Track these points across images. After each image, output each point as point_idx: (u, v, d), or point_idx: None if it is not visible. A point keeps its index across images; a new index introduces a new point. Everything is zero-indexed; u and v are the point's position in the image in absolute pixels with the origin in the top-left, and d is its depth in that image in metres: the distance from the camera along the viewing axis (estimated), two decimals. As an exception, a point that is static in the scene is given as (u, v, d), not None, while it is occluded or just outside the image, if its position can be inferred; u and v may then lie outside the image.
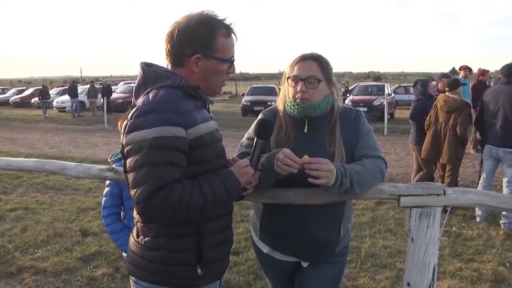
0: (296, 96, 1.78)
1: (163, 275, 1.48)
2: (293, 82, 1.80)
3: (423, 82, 5.98)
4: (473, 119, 5.19)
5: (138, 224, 1.54)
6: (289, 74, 1.81)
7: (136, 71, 1.57)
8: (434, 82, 6.22)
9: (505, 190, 4.58)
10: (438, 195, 1.70)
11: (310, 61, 1.79)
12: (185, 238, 1.47)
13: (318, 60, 1.79)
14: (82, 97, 21.34)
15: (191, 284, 1.49)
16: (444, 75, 6.37)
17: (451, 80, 5.35)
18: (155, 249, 1.48)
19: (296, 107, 1.78)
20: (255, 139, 1.62)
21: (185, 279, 1.47)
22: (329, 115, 1.81)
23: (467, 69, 8.50)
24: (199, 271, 1.48)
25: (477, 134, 5.16)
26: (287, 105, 1.83)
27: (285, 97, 1.86)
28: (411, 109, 5.80)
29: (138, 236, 1.55)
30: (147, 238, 1.50)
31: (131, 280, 1.57)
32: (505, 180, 4.66)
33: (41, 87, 23.48)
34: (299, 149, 1.63)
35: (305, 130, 1.80)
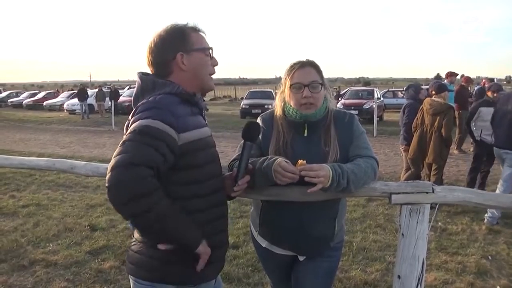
0: (303, 102, 1.72)
1: (162, 273, 1.45)
2: (296, 89, 1.73)
3: (416, 87, 5.91)
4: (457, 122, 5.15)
5: None
6: (291, 82, 1.74)
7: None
8: (425, 87, 6.10)
9: (498, 188, 4.54)
10: (427, 193, 1.69)
11: (308, 67, 1.75)
12: None
13: (314, 66, 1.76)
14: (91, 100, 21.27)
15: (188, 282, 1.46)
16: (437, 82, 6.36)
17: (438, 84, 5.34)
18: (155, 247, 1.44)
19: (299, 113, 1.74)
20: (243, 141, 1.59)
21: (182, 277, 1.44)
22: (325, 117, 1.79)
23: (452, 75, 8.45)
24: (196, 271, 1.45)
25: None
26: (289, 110, 1.78)
27: (283, 102, 1.81)
28: (405, 117, 5.62)
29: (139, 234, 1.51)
30: None
31: (130, 280, 1.52)
32: (501, 178, 4.61)
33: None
34: (298, 153, 1.60)
35: (305, 134, 1.77)
